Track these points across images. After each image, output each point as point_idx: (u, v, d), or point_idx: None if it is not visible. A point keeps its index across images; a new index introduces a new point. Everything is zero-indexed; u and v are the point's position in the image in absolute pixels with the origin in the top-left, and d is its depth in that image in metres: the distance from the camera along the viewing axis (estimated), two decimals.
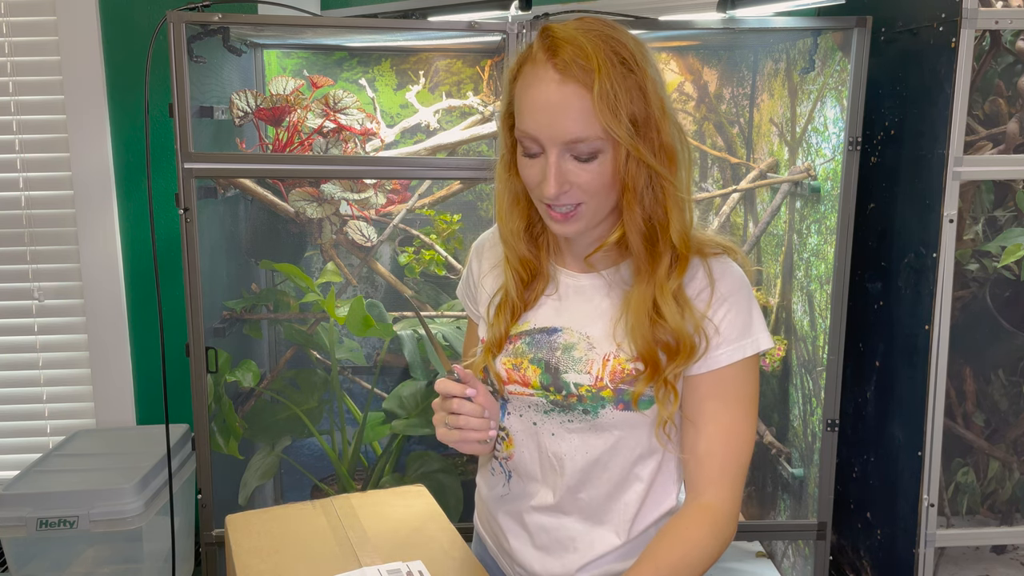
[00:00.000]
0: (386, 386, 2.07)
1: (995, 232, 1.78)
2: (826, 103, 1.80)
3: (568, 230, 0.99)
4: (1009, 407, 1.85)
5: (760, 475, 2.21)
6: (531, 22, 1.65)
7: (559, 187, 0.94)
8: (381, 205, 1.93)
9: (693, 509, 1.00)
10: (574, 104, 0.91)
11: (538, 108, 0.93)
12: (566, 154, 0.94)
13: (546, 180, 0.94)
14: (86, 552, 1.91)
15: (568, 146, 0.93)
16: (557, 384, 1.03)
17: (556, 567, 1.07)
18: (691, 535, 0.97)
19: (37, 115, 2.19)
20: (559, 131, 0.92)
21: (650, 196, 0.96)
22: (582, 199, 0.96)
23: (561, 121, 0.92)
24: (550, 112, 0.92)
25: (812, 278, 1.88)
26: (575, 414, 1.03)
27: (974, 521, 1.87)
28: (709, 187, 2.13)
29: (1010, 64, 1.75)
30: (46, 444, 2.32)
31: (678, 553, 0.96)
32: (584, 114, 0.91)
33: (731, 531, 0.99)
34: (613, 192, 0.97)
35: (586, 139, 0.92)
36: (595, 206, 0.97)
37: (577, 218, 0.97)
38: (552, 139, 0.93)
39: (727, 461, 1.00)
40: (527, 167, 0.98)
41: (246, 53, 2.04)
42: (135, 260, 2.25)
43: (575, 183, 0.94)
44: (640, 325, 0.98)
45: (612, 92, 0.90)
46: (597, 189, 0.95)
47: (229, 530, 1.12)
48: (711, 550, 0.97)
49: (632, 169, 0.94)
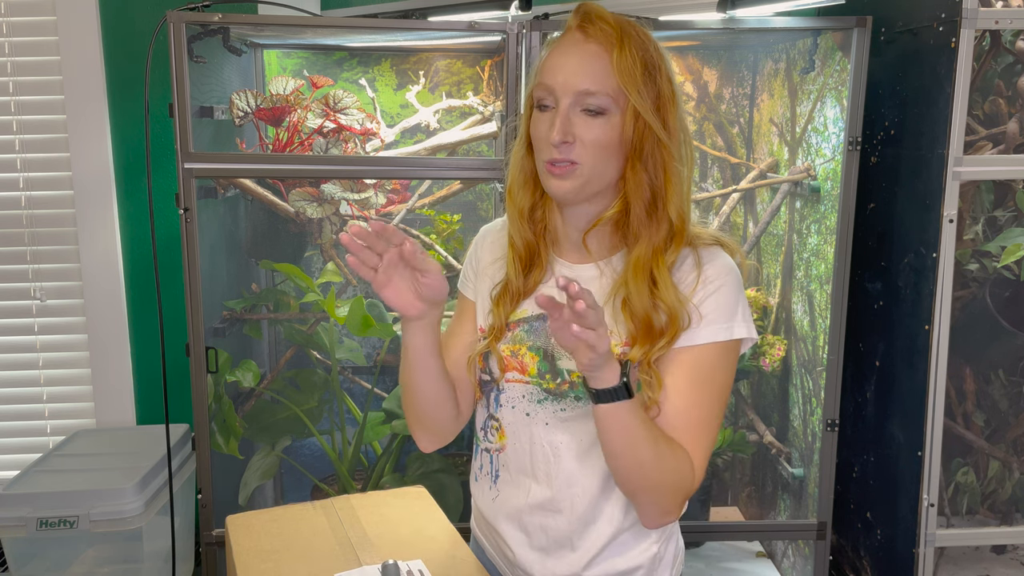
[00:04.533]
0: (386, 386, 2.07)
1: (995, 232, 1.78)
2: (826, 103, 1.80)
3: (563, 186, 1.00)
4: (1009, 407, 1.85)
5: (760, 475, 2.21)
6: (531, 22, 1.65)
7: (563, 134, 0.98)
8: (381, 205, 1.93)
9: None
10: (593, 61, 0.98)
11: (558, 61, 1.00)
12: (576, 107, 0.98)
13: (553, 127, 0.98)
14: (86, 552, 1.91)
15: (579, 98, 0.98)
16: (553, 371, 1.04)
17: (558, 567, 1.08)
18: (671, 442, 0.98)
19: (37, 115, 2.19)
20: (573, 81, 0.98)
21: (653, 165, 1.00)
22: (583, 159, 0.99)
23: (577, 73, 0.98)
24: (568, 64, 0.99)
25: (812, 278, 1.88)
26: (568, 401, 1.04)
27: (974, 521, 1.87)
28: (709, 187, 2.13)
29: (1010, 64, 1.75)
30: (46, 444, 2.32)
31: (658, 433, 0.96)
32: (601, 71, 0.97)
33: (693, 478, 0.99)
34: (614, 159, 1.00)
35: (597, 93, 0.97)
36: (592, 167, 0.99)
37: (573, 175, 0.99)
38: (565, 88, 0.98)
39: (696, 434, 1.00)
40: (538, 121, 1.02)
41: (246, 53, 2.04)
42: (135, 260, 2.25)
43: (579, 136, 0.98)
44: (639, 291, 0.99)
45: (631, 60, 0.97)
46: (599, 149, 0.98)
47: (229, 530, 1.12)
48: (674, 461, 0.97)
49: (640, 131, 0.98)
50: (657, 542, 1.08)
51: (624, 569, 1.07)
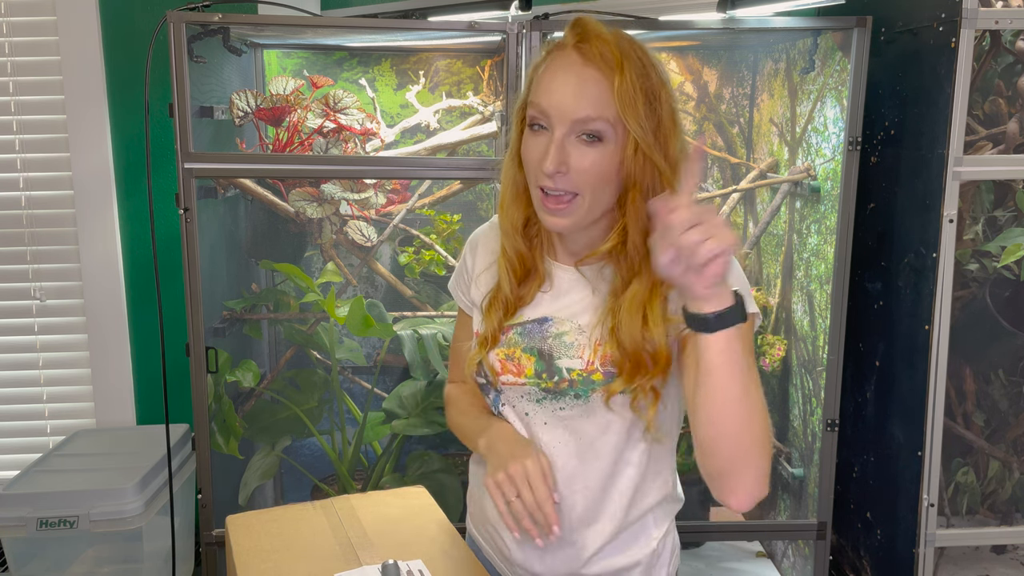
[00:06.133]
0: (386, 386, 2.07)
1: (995, 232, 1.78)
2: (826, 103, 1.80)
3: (560, 223, 0.98)
4: (1009, 407, 1.85)
5: None
6: (531, 22, 1.65)
7: (557, 164, 0.94)
8: (381, 205, 1.93)
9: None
10: (591, 87, 0.94)
11: (555, 85, 0.95)
12: (571, 135, 0.95)
13: (546, 155, 0.95)
14: (86, 552, 1.91)
15: (575, 125, 0.94)
16: (550, 370, 1.04)
17: (557, 565, 1.08)
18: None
19: (37, 115, 2.19)
20: (570, 108, 0.94)
21: (653, 196, 0.95)
22: (578, 189, 0.96)
23: (574, 99, 0.94)
24: (566, 90, 0.94)
25: (812, 278, 1.88)
26: (567, 400, 1.04)
27: (974, 521, 1.87)
28: (709, 187, 2.13)
29: (1010, 64, 1.75)
30: (46, 444, 2.32)
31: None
32: (599, 98, 0.93)
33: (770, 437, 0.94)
34: (610, 188, 0.97)
35: (595, 119, 0.94)
36: (591, 200, 0.97)
37: (571, 212, 0.97)
38: (562, 115, 0.94)
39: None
40: (531, 143, 0.98)
41: (246, 53, 2.04)
42: (135, 260, 2.25)
43: (574, 167, 0.95)
44: (632, 323, 0.98)
45: (631, 86, 0.93)
46: (595, 179, 0.95)
47: (229, 530, 1.12)
48: (766, 405, 0.92)
49: (640, 162, 0.95)
50: (657, 538, 1.08)
51: (623, 566, 1.07)
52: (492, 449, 1.04)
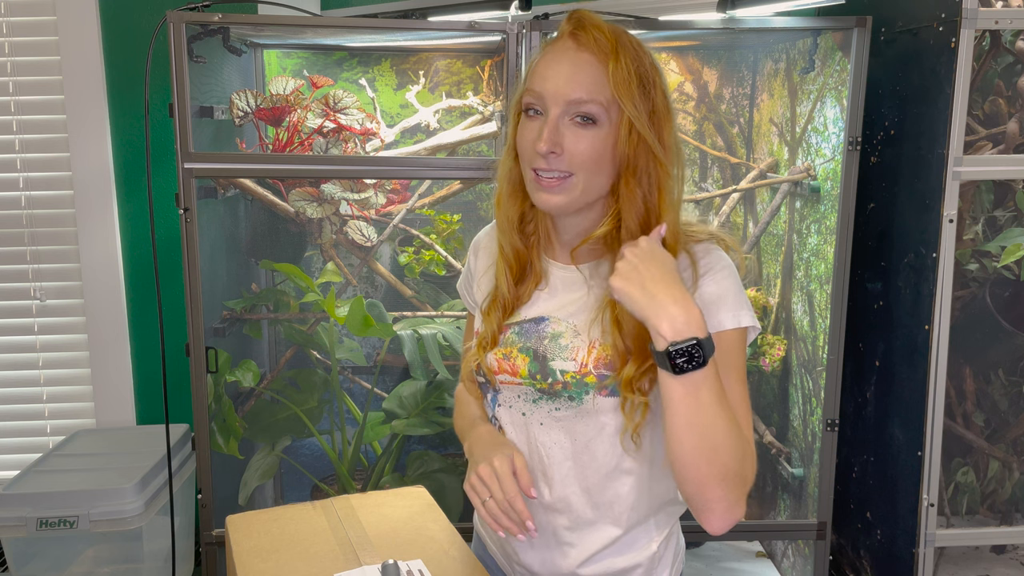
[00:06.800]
0: (386, 386, 2.07)
1: (995, 232, 1.78)
2: (826, 103, 1.80)
3: (553, 200, 0.98)
4: (1009, 407, 1.85)
5: (760, 475, 2.21)
6: (531, 22, 1.65)
7: (551, 144, 0.95)
8: (381, 205, 1.93)
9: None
10: (586, 70, 0.95)
11: (550, 71, 0.97)
12: (565, 117, 0.96)
13: (540, 137, 0.96)
14: (86, 552, 1.91)
15: (570, 107, 0.95)
16: (544, 372, 1.03)
17: (557, 564, 1.08)
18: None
19: (37, 115, 2.19)
20: (565, 90, 0.95)
21: (647, 181, 0.97)
22: (572, 169, 0.96)
23: (569, 82, 0.95)
24: (560, 73, 0.96)
25: (812, 278, 1.88)
26: (561, 401, 1.04)
27: (974, 521, 1.87)
28: (709, 187, 2.13)
29: (1010, 64, 1.75)
30: (46, 444, 2.32)
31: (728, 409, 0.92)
32: (594, 80, 0.95)
33: (754, 460, 0.94)
34: (605, 170, 0.98)
35: (589, 101, 0.95)
36: (584, 181, 0.97)
37: (564, 189, 0.97)
38: (556, 96, 0.95)
39: (739, 417, 0.96)
40: (526, 128, 0.99)
41: (246, 53, 2.04)
42: (135, 260, 2.25)
43: (568, 149, 0.96)
44: (628, 314, 0.97)
45: (626, 71, 0.94)
46: (590, 161, 0.96)
47: (229, 530, 1.12)
48: (738, 437, 0.91)
49: (634, 144, 0.96)
50: (658, 541, 1.08)
51: (623, 567, 1.07)
52: (471, 454, 1.07)
